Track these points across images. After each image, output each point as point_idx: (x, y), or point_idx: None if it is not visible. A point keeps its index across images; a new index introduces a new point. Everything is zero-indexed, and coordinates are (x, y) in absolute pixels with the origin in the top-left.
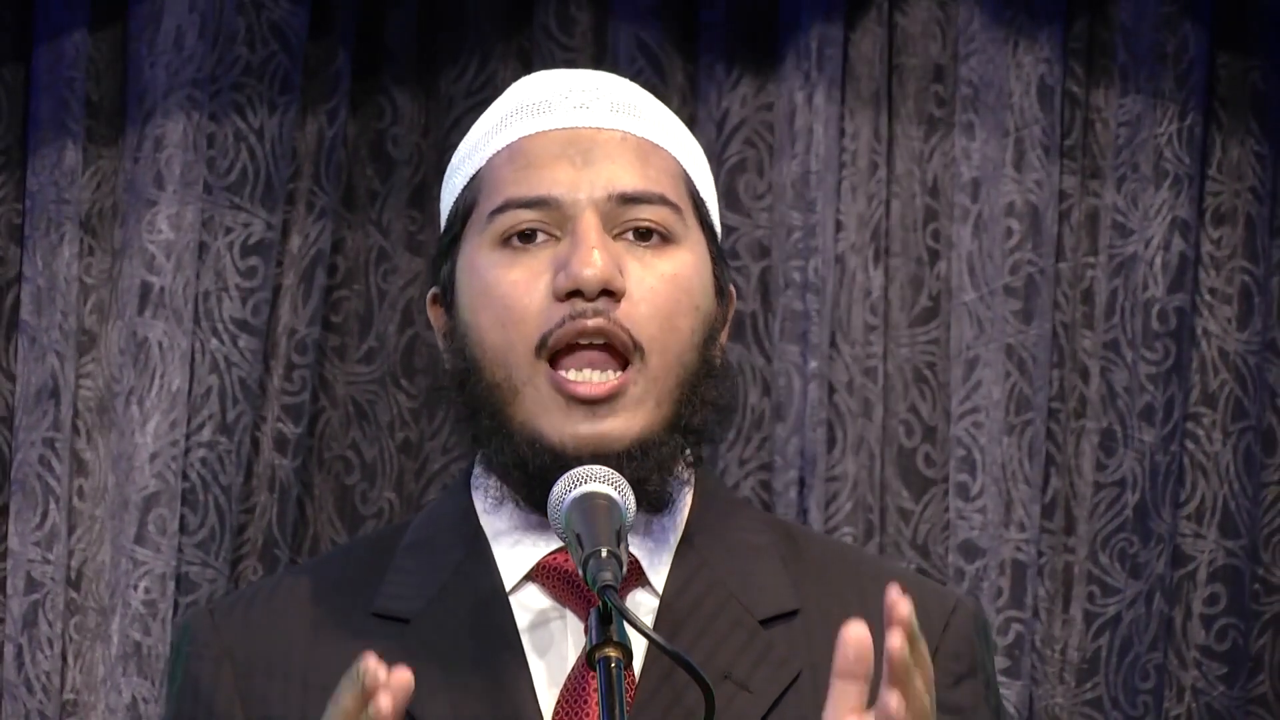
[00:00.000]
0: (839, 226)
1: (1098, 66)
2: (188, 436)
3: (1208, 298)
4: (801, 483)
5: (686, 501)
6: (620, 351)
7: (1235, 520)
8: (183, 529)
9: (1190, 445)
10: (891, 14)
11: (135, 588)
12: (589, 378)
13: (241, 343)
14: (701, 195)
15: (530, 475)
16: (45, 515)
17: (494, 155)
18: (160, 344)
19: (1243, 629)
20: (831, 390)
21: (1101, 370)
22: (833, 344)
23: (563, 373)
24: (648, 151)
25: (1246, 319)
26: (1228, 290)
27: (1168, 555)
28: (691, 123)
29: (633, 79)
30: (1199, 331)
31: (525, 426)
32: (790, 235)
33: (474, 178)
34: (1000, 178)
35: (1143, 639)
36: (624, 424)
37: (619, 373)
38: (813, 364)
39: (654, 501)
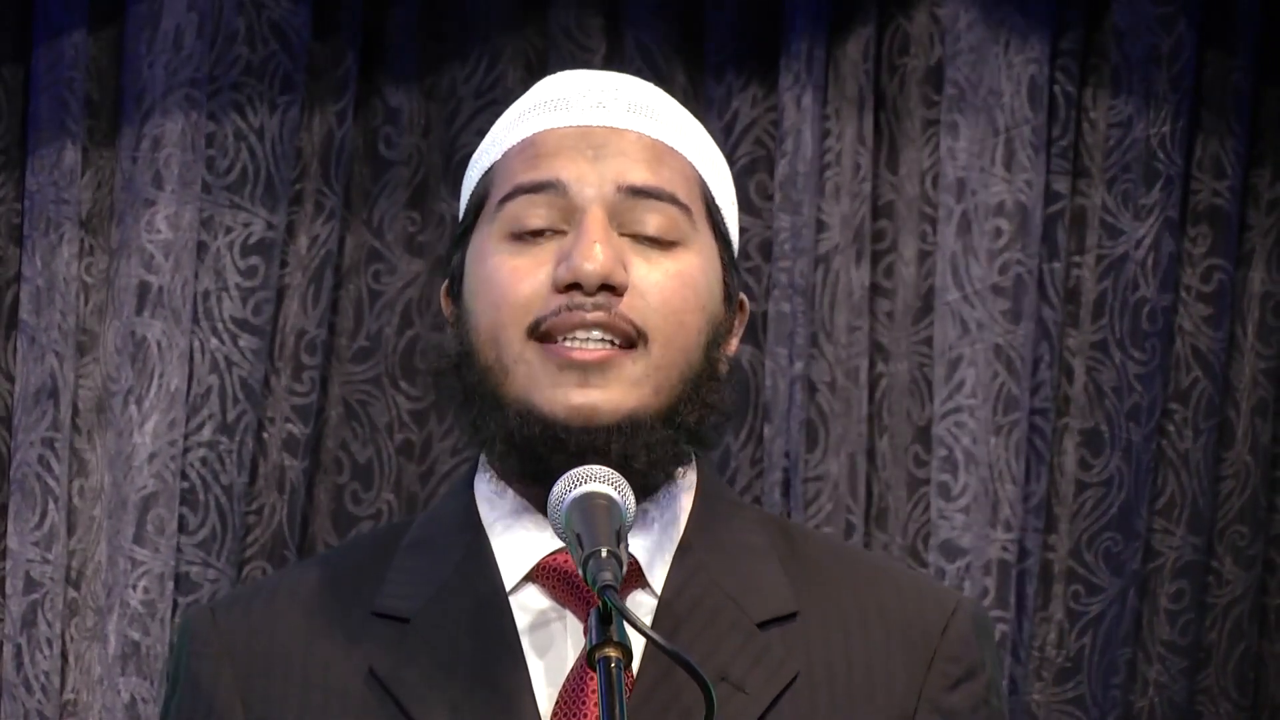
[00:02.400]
0: (822, 227)
1: (1090, 67)
2: (186, 436)
3: (1184, 295)
4: (786, 484)
5: (686, 502)
6: (622, 342)
7: (1202, 516)
8: (182, 529)
9: (1163, 442)
10: (882, 15)
11: (134, 587)
12: (584, 343)
13: (242, 342)
14: (716, 201)
15: (520, 448)
16: (44, 515)
17: (509, 149)
18: (159, 344)
19: (1201, 623)
20: (814, 391)
21: (1089, 370)
22: (815, 344)
23: (555, 343)
24: (662, 152)
25: (1220, 317)
26: (1203, 288)
27: (1141, 552)
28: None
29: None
30: (1174, 329)
31: (518, 401)
32: (779, 236)
33: (489, 171)
34: (990, 177)
35: (1118, 635)
36: (617, 397)
37: (618, 347)
38: (797, 365)
39: (641, 484)
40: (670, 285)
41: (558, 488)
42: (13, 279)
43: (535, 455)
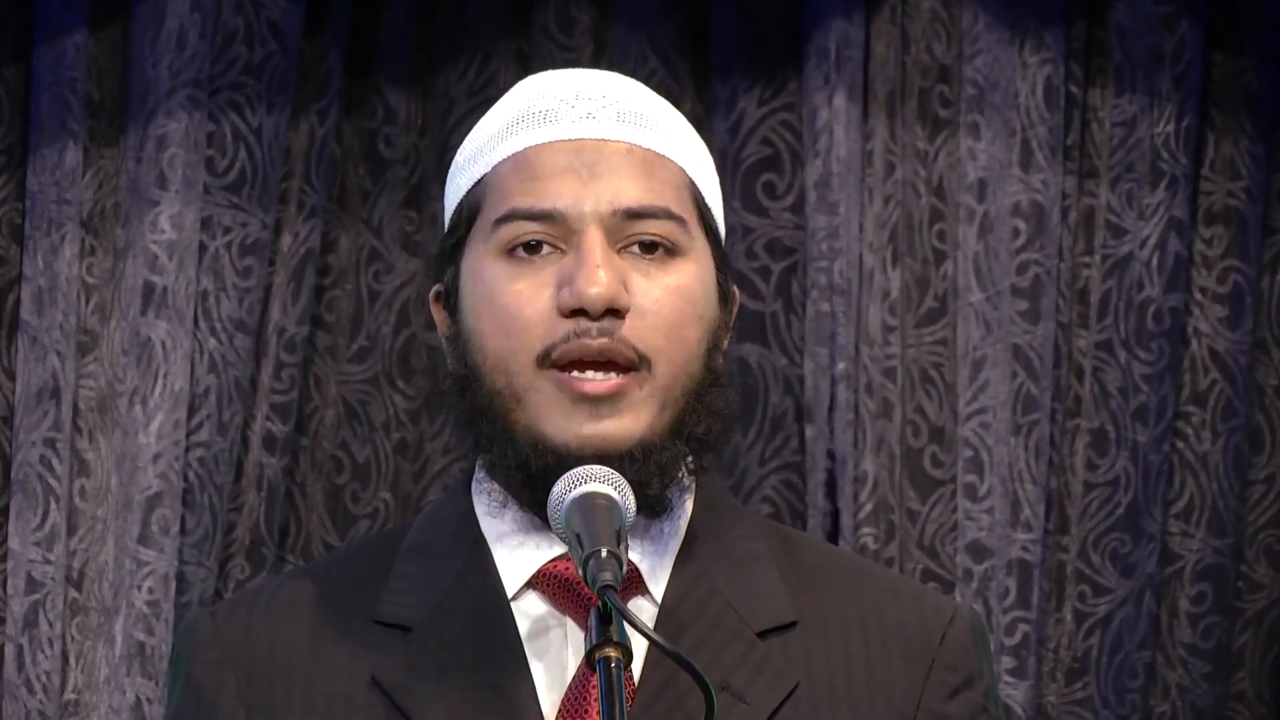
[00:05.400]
0: (858, 228)
1: (1094, 66)
2: (188, 436)
3: (1199, 297)
4: (831, 484)
5: (687, 509)
6: (625, 367)
7: (1223, 519)
8: (182, 529)
9: (1179, 444)
10: (906, 15)
11: (139, 588)
12: (593, 377)
13: (237, 342)
14: (707, 202)
15: (533, 477)
16: (45, 515)
17: (500, 163)
18: (163, 344)
19: (1226, 627)
20: (854, 391)
21: (1094, 370)
22: (854, 345)
23: (565, 373)
24: (653, 163)
25: (1238, 319)
26: (1219, 290)
27: (1157, 554)
28: (699, 125)
29: (643, 81)
30: (1190, 331)
31: (529, 430)
32: (815, 237)
33: (479, 182)
34: (1007, 178)
35: (1132, 638)
36: (628, 425)
37: (623, 375)
38: (840, 365)
39: (655, 505)
40: (669, 301)
41: (557, 488)
42: (14, 279)
43: (548, 484)
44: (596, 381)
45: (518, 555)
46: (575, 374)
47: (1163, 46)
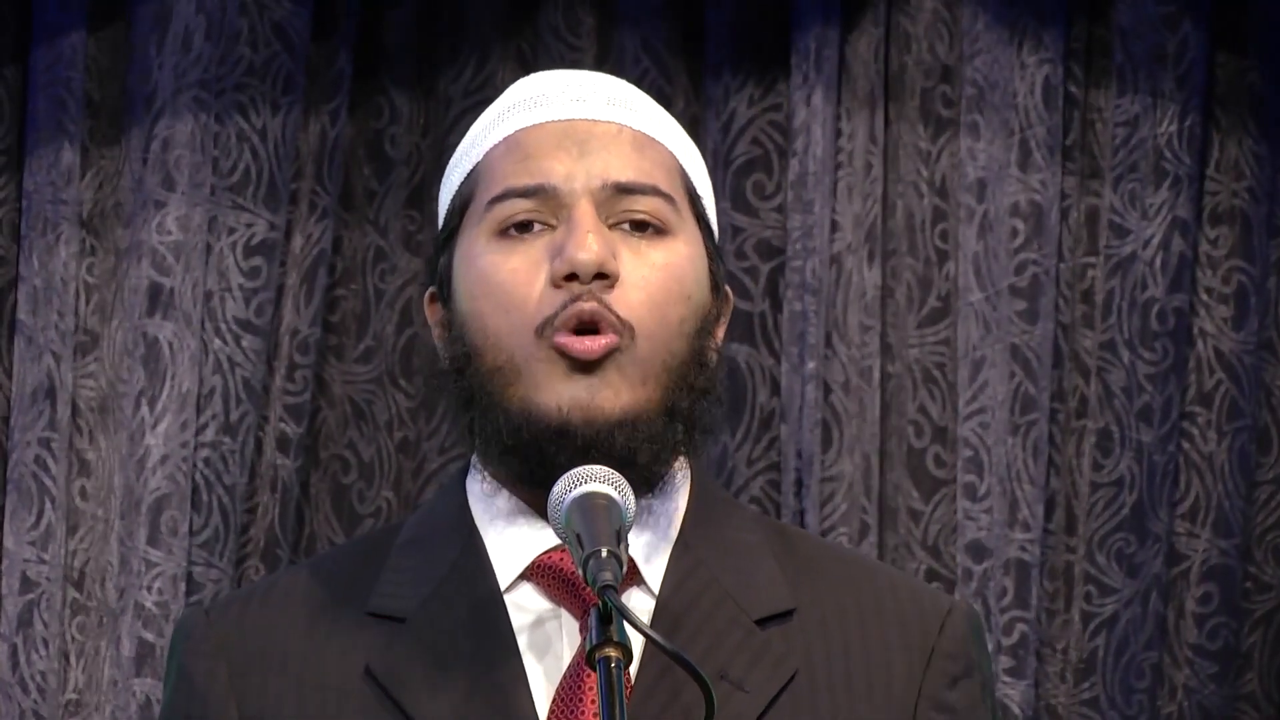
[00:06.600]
0: (834, 227)
1: (1096, 67)
2: (195, 436)
3: (1204, 297)
4: (799, 483)
5: (682, 501)
6: (610, 331)
7: (1229, 519)
8: (190, 530)
9: (1185, 445)
10: (890, 15)
11: (148, 589)
12: (581, 338)
13: (245, 343)
14: (698, 190)
15: (524, 445)
16: (41, 515)
17: (491, 149)
18: (170, 345)
19: (1234, 627)
20: (827, 391)
21: (1098, 370)
22: (829, 345)
23: (560, 340)
24: (643, 144)
25: (1242, 319)
26: (1224, 290)
27: (1164, 555)
28: (694, 124)
29: (638, 80)
30: (1195, 331)
31: (523, 400)
32: (791, 236)
33: (471, 172)
34: (1005, 178)
35: (1139, 638)
36: (615, 391)
37: (610, 335)
38: (810, 365)
39: (646, 477)
40: (657, 278)
41: (558, 487)
42: (11, 279)
43: (540, 455)
44: (585, 343)
45: (512, 545)
46: (567, 338)
47: (1165, 46)
